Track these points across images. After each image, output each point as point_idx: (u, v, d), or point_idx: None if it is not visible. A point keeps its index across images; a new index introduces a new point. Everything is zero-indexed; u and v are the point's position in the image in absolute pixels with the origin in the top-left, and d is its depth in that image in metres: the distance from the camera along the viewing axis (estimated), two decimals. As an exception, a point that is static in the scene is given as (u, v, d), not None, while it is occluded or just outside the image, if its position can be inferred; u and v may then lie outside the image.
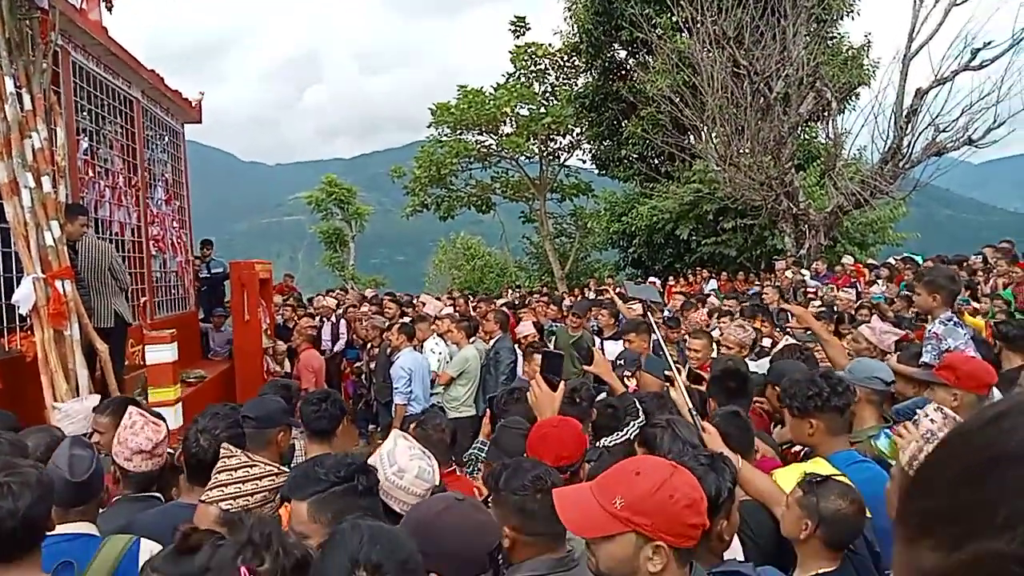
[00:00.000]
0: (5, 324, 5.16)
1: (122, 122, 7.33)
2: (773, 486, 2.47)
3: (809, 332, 5.13)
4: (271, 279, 9.69)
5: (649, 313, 5.16)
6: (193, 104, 9.44)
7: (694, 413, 2.74)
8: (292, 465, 3.23)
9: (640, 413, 3.08)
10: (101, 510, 2.43)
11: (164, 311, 8.16)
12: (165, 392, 5.41)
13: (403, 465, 2.28)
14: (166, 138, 8.95)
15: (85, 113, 6.54)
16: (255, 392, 4.14)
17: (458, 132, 22.51)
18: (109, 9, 5.93)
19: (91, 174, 6.50)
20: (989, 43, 12.96)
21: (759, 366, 4.56)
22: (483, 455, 3.53)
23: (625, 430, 2.99)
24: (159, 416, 2.84)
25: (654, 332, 3.74)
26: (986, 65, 12.91)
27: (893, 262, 12.56)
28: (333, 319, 10.34)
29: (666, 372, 3.19)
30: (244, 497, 2.11)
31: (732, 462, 2.16)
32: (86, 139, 6.52)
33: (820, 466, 2.49)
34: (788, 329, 6.61)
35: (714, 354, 5.02)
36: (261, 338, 8.24)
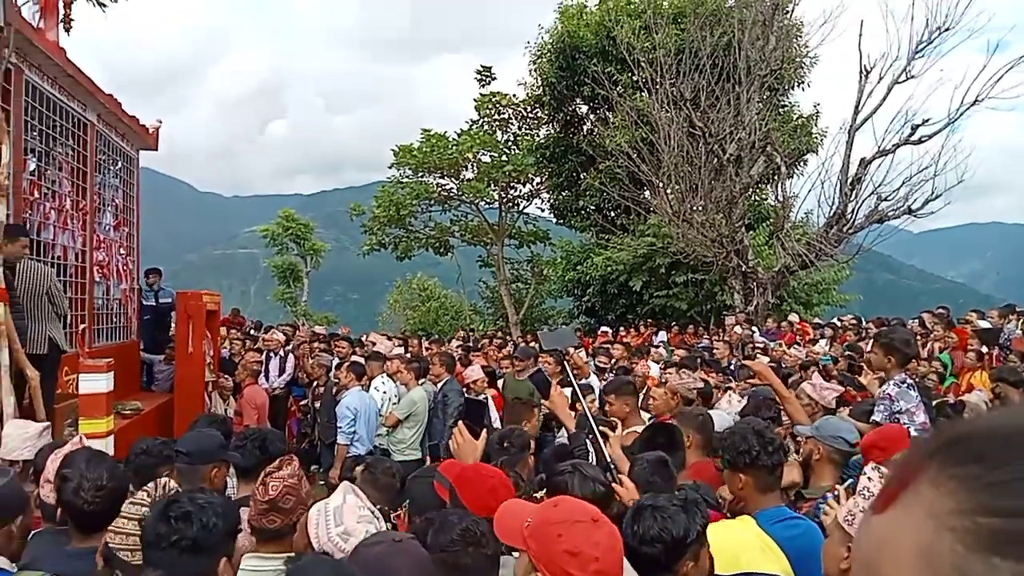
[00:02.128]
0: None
1: (74, 144, 7.19)
2: None
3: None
4: (219, 311, 9.48)
5: (566, 362, 5.10)
6: (150, 131, 9.32)
7: (611, 465, 2.75)
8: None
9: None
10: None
11: (104, 339, 7.90)
12: (97, 424, 5.19)
13: (349, 528, 2.14)
14: (119, 163, 8.79)
15: (36, 133, 6.40)
16: (195, 427, 4.02)
17: (419, 174, 22.64)
18: (67, 30, 5.88)
19: (36, 195, 6.33)
20: (927, 120, 13.72)
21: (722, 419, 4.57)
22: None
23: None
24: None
25: (575, 388, 3.68)
26: (924, 140, 13.63)
27: (838, 322, 12.96)
28: (281, 353, 10.15)
29: (601, 429, 3.16)
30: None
31: (704, 506, 2.12)
32: (34, 159, 6.36)
33: (745, 525, 2.49)
34: (735, 384, 6.74)
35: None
36: (204, 371, 8.01)
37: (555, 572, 1.54)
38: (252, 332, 12.90)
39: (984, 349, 8.85)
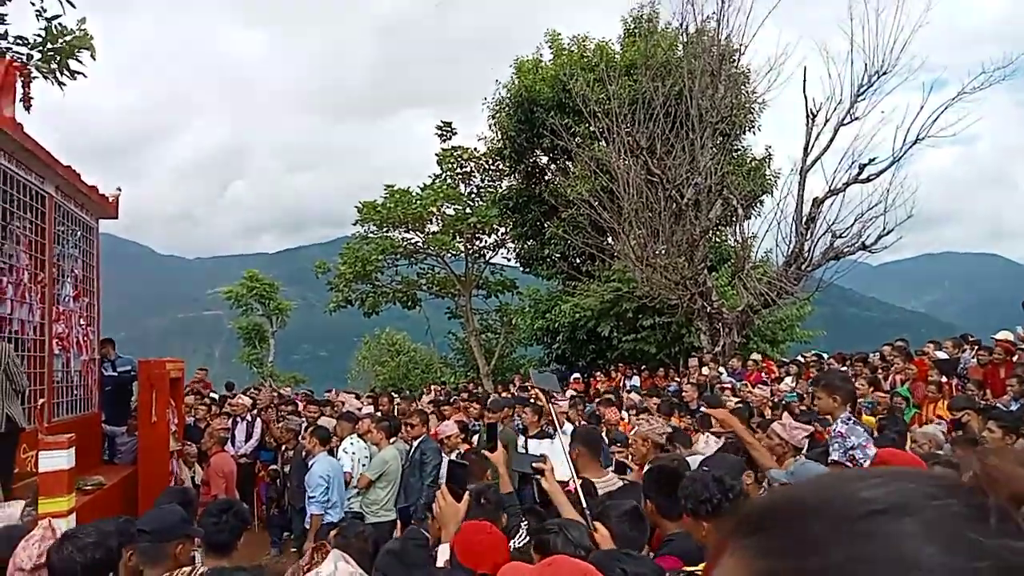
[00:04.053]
0: None
1: (32, 217, 7.12)
2: None
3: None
4: (183, 378, 9.33)
5: (551, 403, 5.24)
6: (110, 199, 9.27)
7: (587, 513, 2.78)
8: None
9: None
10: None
11: (64, 413, 7.70)
12: (58, 503, 5.05)
13: None
14: (79, 233, 8.72)
15: (-8, 208, 6.35)
16: (161, 499, 3.95)
17: (384, 229, 22.73)
18: (27, 108, 5.89)
19: (-7, 270, 6.25)
20: (873, 159, 14.26)
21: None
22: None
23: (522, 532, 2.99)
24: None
25: (555, 426, 3.78)
26: (872, 179, 14.15)
27: (802, 359, 13.19)
28: (248, 418, 9.99)
29: (533, 464, 3.20)
30: None
31: None
32: (-9, 234, 6.30)
33: None
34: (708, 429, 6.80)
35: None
36: (168, 441, 7.85)
37: None
38: (216, 396, 12.64)
39: (943, 379, 9.08)
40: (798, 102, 14.83)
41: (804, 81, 14.67)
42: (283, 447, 9.00)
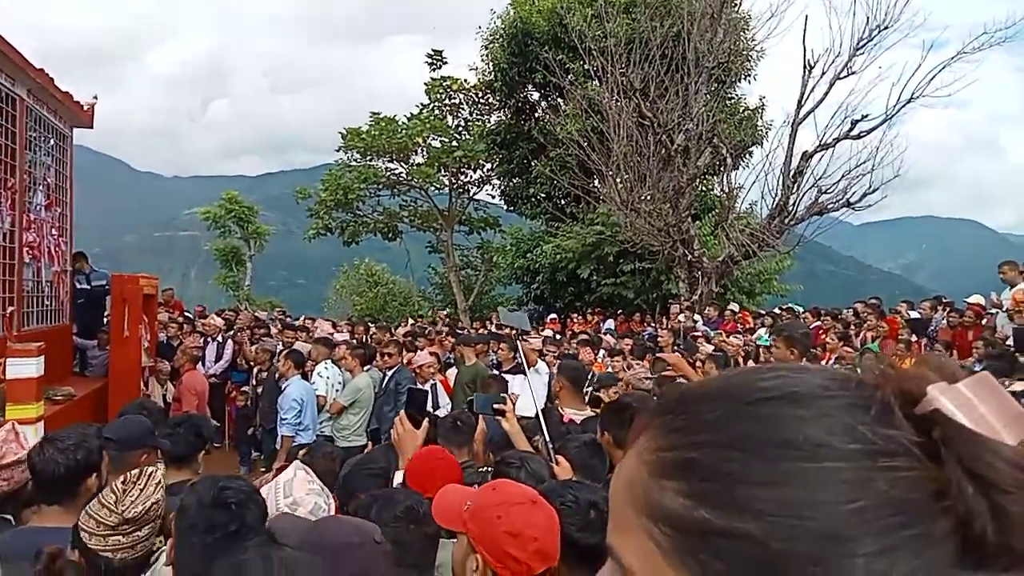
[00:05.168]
0: None
1: (2, 120, 6.87)
2: None
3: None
4: (156, 295, 9.23)
5: (519, 342, 5.30)
6: (85, 108, 8.96)
7: (549, 446, 2.80)
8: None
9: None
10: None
11: (34, 322, 7.59)
12: (26, 409, 5.03)
13: (298, 498, 2.22)
14: (51, 140, 8.44)
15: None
16: (131, 413, 3.92)
17: (368, 158, 22.34)
18: (-5, 0, 5.58)
19: (-40, 172, 6.04)
20: (866, 116, 14.14)
21: None
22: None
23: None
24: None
25: (520, 359, 3.84)
26: (863, 135, 14.05)
27: (778, 311, 13.34)
28: (220, 339, 9.94)
29: (494, 405, 3.25)
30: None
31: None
32: (-43, 134, 6.06)
33: None
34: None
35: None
36: (140, 356, 7.80)
37: (495, 553, 1.57)
38: (189, 315, 12.55)
39: (913, 338, 9.24)
40: (795, 52, 14.60)
41: (804, 31, 14.40)
42: (256, 368, 9.00)
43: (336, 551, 1.65)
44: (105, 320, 9.07)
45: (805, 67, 14.55)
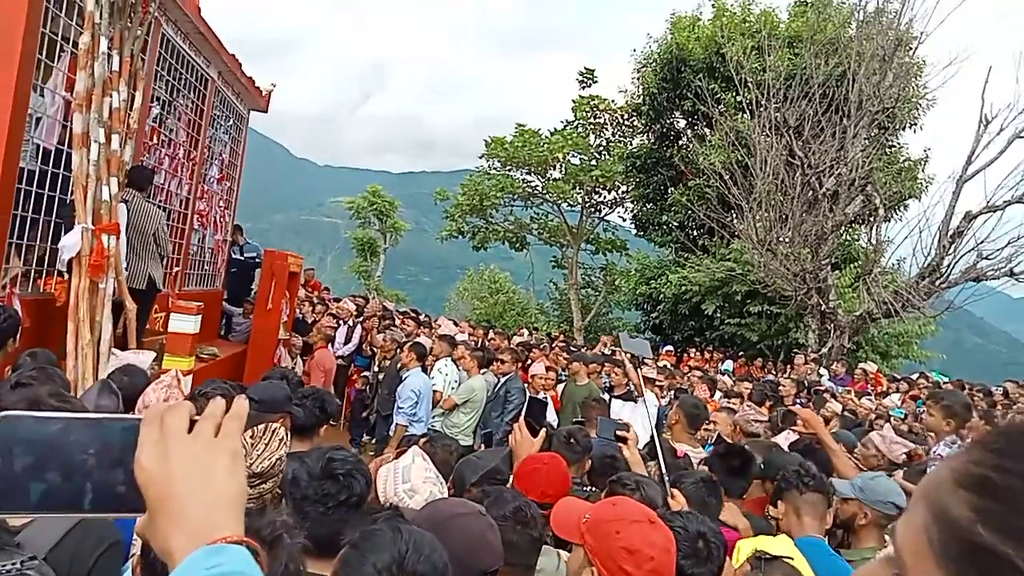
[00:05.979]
0: (45, 267, 5.31)
1: (194, 98, 7.61)
2: None
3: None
4: (300, 273, 9.85)
5: (638, 369, 5.25)
6: (263, 93, 9.74)
7: (666, 479, 2.78)
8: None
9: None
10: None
11: (193, 284, 8.33)
12: (180, 361, 5.50)
13: (415, 485, 2.29)
14: (231, 120, 9.24)
15: (162, 83, 6.81)
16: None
17: (507, 168, 22.85)
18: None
19: (155, 140, 6.74)
20: (1046, 180, 12.95)
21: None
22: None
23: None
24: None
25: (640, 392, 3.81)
26: (1039, 202, 12.89)
27: (915, 377, 12.43)
28: (350, 323, 10.46)
29: (617, 432, 3.22)
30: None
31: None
32: (158, 107, 6.77)
33: (781, 543, 2.45)
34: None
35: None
36: (279, 328, 8.35)
37: (610, 568, 1.59)
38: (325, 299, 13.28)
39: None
40: (972, 105, 13.59)
41: (985, 83, 13.38)
42: (379, 355, 9.40)
43: (445, 522, 1.71)
44: (252, 291, 9.80)
45: (981, 121, 13.55)
